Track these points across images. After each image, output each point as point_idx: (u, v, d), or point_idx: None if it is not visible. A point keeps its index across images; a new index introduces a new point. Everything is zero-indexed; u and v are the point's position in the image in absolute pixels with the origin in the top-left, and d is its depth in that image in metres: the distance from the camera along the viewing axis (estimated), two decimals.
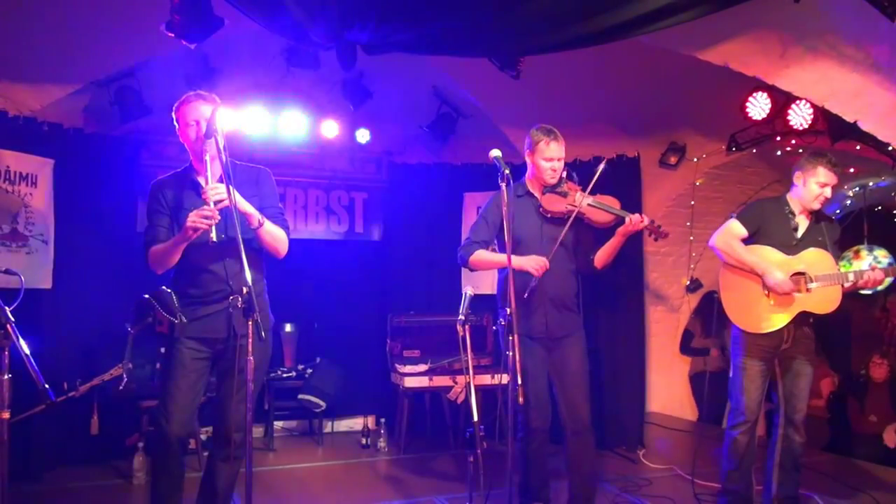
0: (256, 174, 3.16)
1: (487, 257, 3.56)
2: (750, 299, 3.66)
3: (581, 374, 3.58)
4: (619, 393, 5.60)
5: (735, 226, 3.72)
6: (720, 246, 3.73)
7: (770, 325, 3.61)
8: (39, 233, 4.78)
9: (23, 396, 2.47)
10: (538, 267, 3.37)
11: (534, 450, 3.54)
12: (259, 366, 2.85)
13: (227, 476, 3.08)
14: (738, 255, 3.66)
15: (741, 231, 3.70)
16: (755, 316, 3.64)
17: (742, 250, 3.67)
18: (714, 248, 3.76)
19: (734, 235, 3.70)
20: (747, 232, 3.70)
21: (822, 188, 3.59)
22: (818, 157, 3.62)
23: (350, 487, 4.71)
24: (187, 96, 3.03)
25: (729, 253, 3.69)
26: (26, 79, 4.59)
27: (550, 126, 3.55)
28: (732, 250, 3.68)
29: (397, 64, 5.00)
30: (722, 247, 3.72)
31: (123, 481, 4.68)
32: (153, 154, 5.51)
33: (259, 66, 5.14)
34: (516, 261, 3.38)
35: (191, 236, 2.81)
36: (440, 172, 6.38)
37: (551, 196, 3.55)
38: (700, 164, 6.10)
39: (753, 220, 3.72)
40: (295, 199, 6.27)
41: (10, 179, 4.61)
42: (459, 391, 5.32)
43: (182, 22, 3.61)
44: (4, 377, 2.28)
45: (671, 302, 6.78)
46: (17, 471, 4.34)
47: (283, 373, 5.76)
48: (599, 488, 4.16)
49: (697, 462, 4.41)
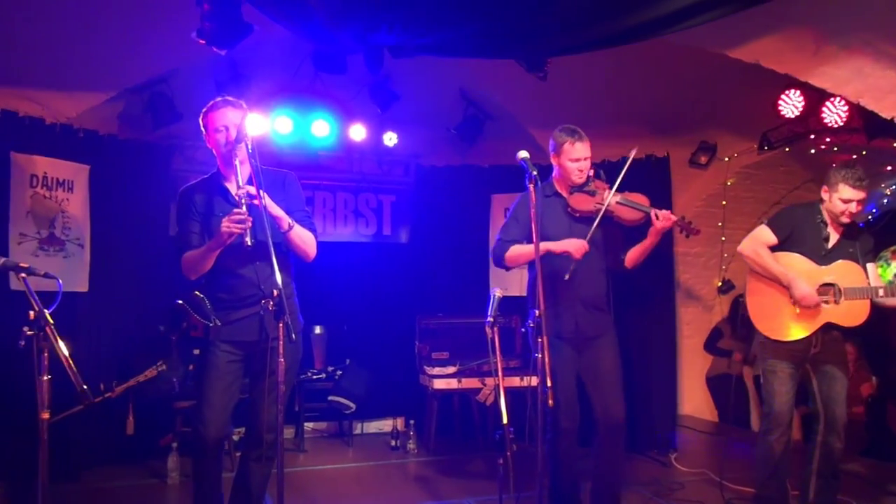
0: (283, 178, 3.19)
1: (521, 250, 3.52)
2: (775, 306, 3.61)
3: (614, 372, 3.56)
4: (650, 395, 5.54)
5: (764, 232, 3.66)
6: (747, 252, 3.67)
7: (794, 333, 3.55)
8: (76, 237, 4.89)
9: (61, 397, 2.52)
10: (578, 248, 3.36)
11: (563, 451, 3.52)
12: (290, 367, 2.88)
13: (259, 476, 3.12)
14: (764, 264, 3.60)
15: (770, 238, 3.64)
16: (779, 323, 3.59)
17: (769, 259, 3.61)
18: (741, 253, 3.71)
19: (762, 242, 3.64)
20: (777, 239, 3.63)
21: (846, 204, 3.51)
22: (841, 172, 3.51)
23: (380, 489, 4.73)
24: (215, 102, 3.07)
25: (755, 260, 3.63)
26: (62, 87, 4.70)
27: (574, 126, 3.53)
28: (759, 257, 3.62)
29: (424, 66, 5.02)
30: (749, 254, 3.66)
31: (158, 481, 4.76)
32: (185, 159, 5.60)
33: (287, 70, 5.20)
34: (554, 244, 3.38)
35: (226, 241, 2.85)
36: (467, 174, 6.38)
37: (579, 195, 3.53)
38: (731, 164, 6.02)
39: (784, 227, 3.65)
40: (324, 203, 6.32)
41: (47, 185, 4.73)
42: (488, 393, 5.32)
43: (212, 29, 3.67)
44: (44, 378, 2.33)
45: (704, 303, 6.71)
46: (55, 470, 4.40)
47: (313, 374, 5.81)
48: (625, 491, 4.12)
49: (729, 466, 4.34)
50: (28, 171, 4.61)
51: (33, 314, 2.32)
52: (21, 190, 4.58)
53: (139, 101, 5.02)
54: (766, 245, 3.63)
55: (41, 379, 2.33)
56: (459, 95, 5.76)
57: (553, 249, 3.40)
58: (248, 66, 4.97)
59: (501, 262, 3.58)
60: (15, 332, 2.33)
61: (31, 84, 4.58)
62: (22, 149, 4.58)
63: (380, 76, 5.12)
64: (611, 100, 5.32)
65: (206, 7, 3.62)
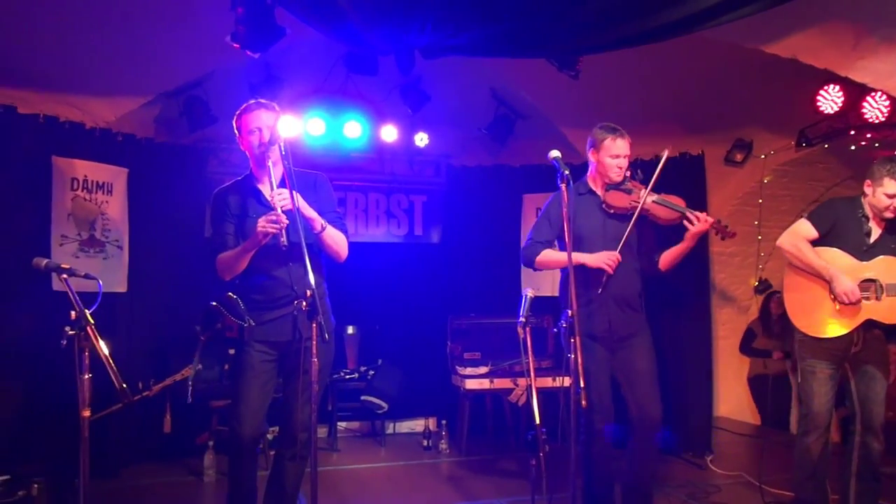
0: (314, 180, 3.21)
1: (553, 256, 3.52)
2: (814, 302, 3.53)
3: (649, 371, 3.52)
4: (685, 396, 5.47)
5: (804, 226, 3.58)
6: (787, 247, 3.60)
7: (833, 330, 3.47)
8: (115, 239, 4.99)
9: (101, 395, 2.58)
10: (610, 262, 3.34)
11: (597, 453, 3.49)
12: (323, 367, 2.91)
13: (293, 475, 3.15)
14: (805, 258, 3.53)
15: (811, 232, 3.56)
16: (818, 320, 3.51)
17: (809, 253, 3.53)
18: (780, 247, 3.64)
19: (802, 236, 3.57)
20: (818, 233, 3.55)
21: (891, 199, 3.42)
22: (886, 166, 3.42)
23: (412, 489, 4.75)
24: (248, 105, 3.10)
25: (795, 255, 3.56)
26: (102, 92, 4.81)
27: (614, 124, 3.50)
28: (799, 252, 3.55)
29: (455, 67, 5.03)
30: (789, 248, 3.59)
31: (194, 478, 4.84)
32: (220, 161, 5.68)
33: (320, 73, 5.25)
34: (588, 258, 3.37)
35: (261, 241, 2.89)
36: (499, 174, 6.36)
37: (615, 193, 3.50)
38: (768, 161, 5.92)
39: (825, 221, 3.57)
40: (356, 203, 6.36)
41: (87, 188, 4.84)
42: (520, 393, 5.30)
43: (246, 33, 3.71)
44: (85, 377, 2.39)
45: (739, 303, 6.60)
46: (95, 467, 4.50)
47: (345, 374, 5.85)
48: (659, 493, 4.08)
49: (767, 469, 4.27)
50: (69, 175, 4.73)
51: (74, 314, 2.37)
52: (62, 193, 4.69)
53: (175, 105, 5.12)
54: (806, 239, 3.56)
55: (82, 378, 2.38)
56: (490, 95, 5.76)
57: (587, 264, 3.38)
58: (281, 68, 5.03)
59: (531, 264, 3.57)
60: (57, 331, 2.39)
61: (72, 90, 4.69)
62: (63, 153, 4.70)
63: (411, 77, 5.14)
64: (644, 97, 5.26)
65: (239, 11, 3.67)
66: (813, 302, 3.53)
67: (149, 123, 5.34)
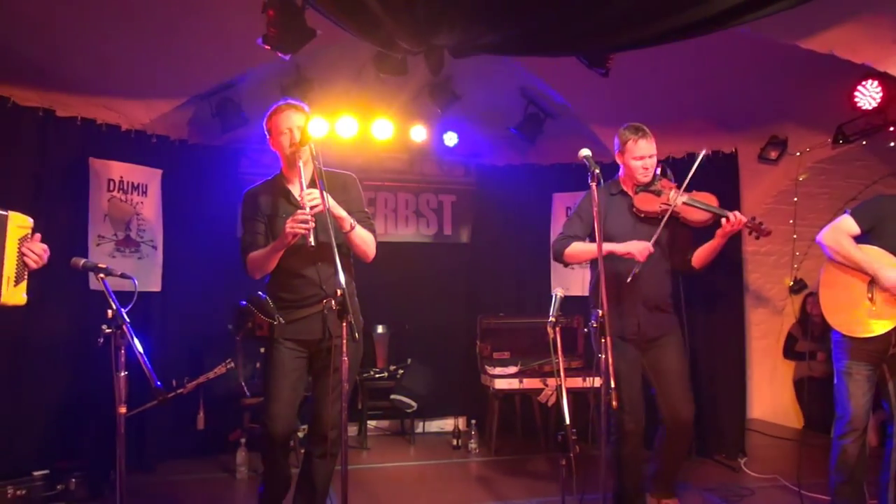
0: (343, 180, 3.23)
1: (583, 248, 3.49)
2: (850, 300, 3.44)
3: (680, 371, 3.49)
4: (718, 398, 5.39)
5: (848, 222, 3.49)
6: (828, 242, 3.52)
7: (868, 330, 3.38)
8: (150, 239, 5.08)
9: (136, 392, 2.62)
10: (642, 251, 3.31)
11: (628, 454, 3.47)
12: (351, 366, 2.92)
13: (324, 473, 3.17)
14: (848, 252, 3.44)
15: (853, 228, 3.47)
16: (854, 319, 3.42)
17: (852, 248, 3.45)
18: (821, 243, 3.56)
19: (845, 232, 3.48)
20: (860, 229, 3.47)
21: None
22: None
23: (442, 488, 4.75)
24: (278, 106, 3.13)
25: (837, 250, 3.48)
26: (137, 95, 4.90)
27: (638, 123, 3.46)
28: (841, 247, 3.46)
29: (484, 66, 5.02)
30: (830, 243, 3.51)
31: (227, 475, 4.91)
32: (252, 162, 5.76)
33: (349, 73, 5.27)
34: (618, 246, 3.35)
35: (290, 242, 2.91)
36: (528, 173, 6.34)
37: (645, 195, 3.46)
38: (803, 159, 5.80)
39: (869, 218, 3.48)
40: (385, 203, 6.39)
41: (123, 189, 4.93)
42: (550, 393, 5.27)
43: (277, 35, 3.75)
44: (122, 374, 2.43)
45: (774, 304, 6.48)
46: (131, 462, 4.62)
47: (375, 373, 5.88)
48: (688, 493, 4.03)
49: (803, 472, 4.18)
50: (105, 176, 4.82)
51: (111, 313, 2.43)
52: (99, 194, 4.79)
53: (208, 107, 5.19)
54: (849, 235, 3.48)
55: (118, 375, 2.43)
56: (520, 94, 5.73)
57: (616, 251, 3.35)
58: (311, 69, 5.08)
59: (560, 258, 3.55)
60: (94, 329, 2.44)
61: (108, 93, 4.79)
62: (100, 154, 4.80)
63: (440, 76, 5.14)
64: (675, 94, 5.20)
65: (270, 13, 3.70)
66: (849, 300, 3.45)
67: (182, 125, 5.43)
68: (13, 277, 2.52)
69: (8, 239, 2.51)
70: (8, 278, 2.50)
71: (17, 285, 2.53)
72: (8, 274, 2.50)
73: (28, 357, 4.39)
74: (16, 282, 2.52)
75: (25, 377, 4.37)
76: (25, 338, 4.37)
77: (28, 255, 2.56)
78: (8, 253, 2.51)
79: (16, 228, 2.54)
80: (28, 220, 2.59)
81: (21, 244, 2.56)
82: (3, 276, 2.49)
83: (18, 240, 2.55)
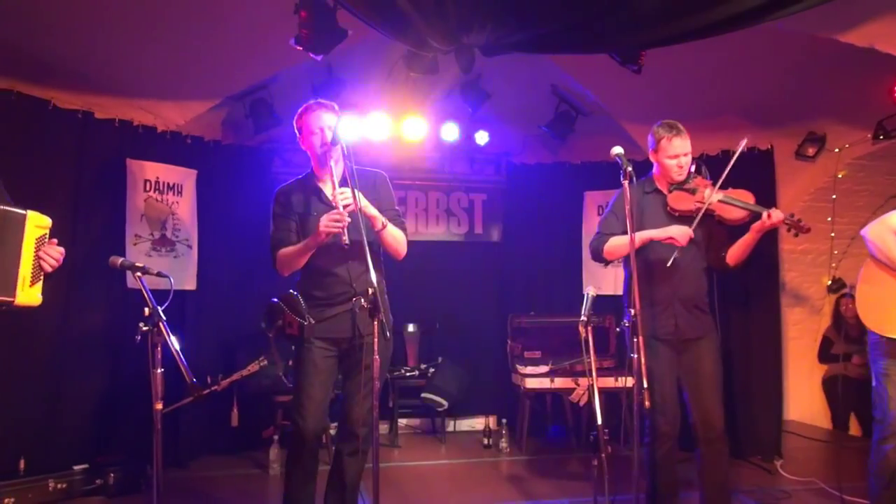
0: (374, 178, 3.24)
1: (621, 241, 3.40)
2: (889, 299, 3.34)
3: (715, 377, 3.42)
4: (754, 399, 5.30)
5: (894, 218, 3.41)
6: (872, 237, 3.41)
7: None
8: (185, 238, 5.17)
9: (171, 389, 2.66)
10: (683, 234, 3.26)
11: (661, 456, 3.42)
12: (382, 364, 2.93)
13: (354, 470, 3.19)
14: (890, 251, 3.34)
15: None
16: (891, 318, 3.33)
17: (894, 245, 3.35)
18: (866, 237, 3.46)
19: (891, 228, 3.37)
20: None
21: None
22: None
23: (473, 486, 4.75)
24: (308, 105, 3.15)
25: (880, 246, 3.37)
26: (172, 96, 4.98)
27: (673, 121, 3.41)
28: (884, 244, 3.36)
29: (515, 64, 5.00)
30: (874, 238, 3.40)
31: (260, 471, 4.97)
32: (284, 161, 5.81)
33: (380, 73, 5.30)
34: (658, 231, 3.30)
35: (323, 240, 2.93)
36: (560, 172, 6.30)
37: (679, 193, 3.41)
38: (842, 155, 5.68)
39: None
40: (416, 202, 6.41)
41: (159, 189, 5.02)
42: (582, 393, 5.23)
43: (309, 35, 3.78)
44: (158, 371, 2.47)
45: (811, 303, 6.35)
46: (167, 458, 4.70)
47: (406, 372, 5.90)
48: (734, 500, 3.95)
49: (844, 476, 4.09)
50: (141, 177, 4.91)
51: (148, 311, 2.46)
52: (136, 194, 4.88)
53: (241, 108, 5.26)
54: (894, 232, 3.38)
55: (155, 372, 2.46)
56: (551, 92, 5.70)
57: (656, 237, 3.30)
58: (342, 69, 5.11)
59: (599, 256, 3.50)
60: (131, 327, 2.48)
61: (144, 95, 4.88)
62: (136, 155, 4.89)
63: (471, 75, 5.13)
64: (709, 90, 5.12)
65: (302, 14, 3.73)
66: (888, 298, 3.35)
67: (216, 126, 5.50)
68: (29, 277, 2.50)
69: (25, 239, 2.50)
70: (24, 278, 2.49)
71: (32, 286, 2.52)
72: (24, 274, 2.49)
73: (68, 354, 4.49)
74: (31, 282, 2.51)
75: (66, 374, 4.48)
76: (65, 335, 4.48)
77: (45, 258, 2.55)
78: (24, 253, 2.49)
79: (34, 228, 2.53)
80: (46, 220, 2.57)
81: (38, 245, 2.54)
82: (19, 275, 2.48)
83: (36, 240, 2.53)
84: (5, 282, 2.46)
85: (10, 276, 2.47)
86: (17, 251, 2.48)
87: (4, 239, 2.46)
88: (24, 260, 2.49)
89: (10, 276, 2.47)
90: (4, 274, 2.46)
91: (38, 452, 4.19)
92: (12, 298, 2.48)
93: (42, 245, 2.55)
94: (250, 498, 4.49)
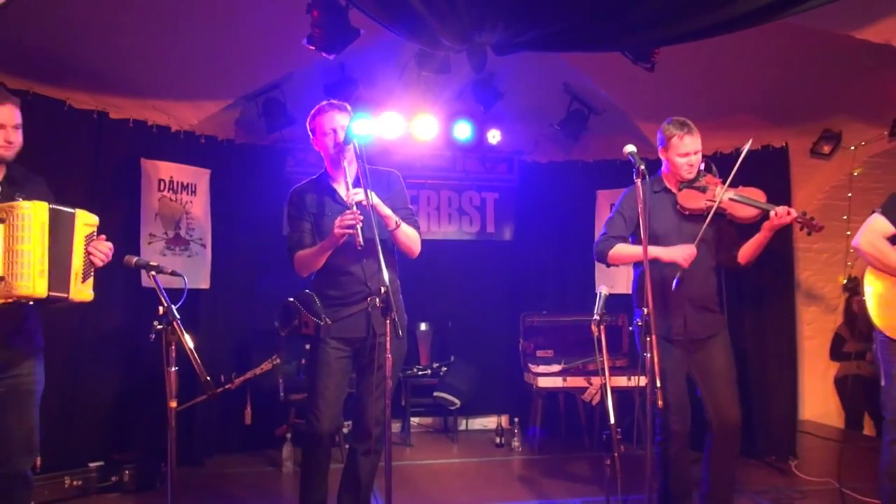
0: (387, 177, 3.25)
1: (627, 250, 3.43)
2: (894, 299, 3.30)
3: (728, 372, 3.41)
4: (768, 398, 5.26)
5: (879, 222, 3.27)
6: (865, 247, 3.30)
7: None
8: (199, 237, 5.20)
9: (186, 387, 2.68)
10: (686, 257, 3.24)
11: (673, 455, 3.40)
12: (395, 363, 2.95)
13: (368, 469, 3.20)
14: (886, 258, 3.23)
15: (886, 227, 3.25)
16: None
17: (891, 252, 3.24)
18: (859, 248, 3.35)
19: (879, 233, 3.27)
20: (895, 228, 3.30)
21: None
22: None
23: (485, 485, 4.75)
24: (321, 106, 3.16)
25: (875, 255, 3.27)
26: (186, 96, 5.01)
27: (683, 118, 3.38)
28: (878, 251, 3.25)
29: (527, 63, 4.99)
30: (866, 248, 3.29)
31: (274, 469, 5.00)
32: (297, 161, 5.84)
33: (393, 72, 5.30)
34: (663, 251, 3.28)
35: (339, 241, 2.95)
36: (572, 170, 6.28)
37: (689, 192, 3.39)
38: (858, 153, 5.62)
39: None
40: (428, 201, 6.42)
41: (173, 189, 5.05)
42: (594, 392, 5.22)
43: (322, 35, 3.79)
44: (172, 370, 2.49)
45: (826, 302, 6.30)
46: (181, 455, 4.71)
47: (418, 370, 5.91)
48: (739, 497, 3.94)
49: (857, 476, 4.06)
50: (156, 176, 4.95)
51: (162, 309, 2.49)
52: (150, 193, 4.92)
53: (254, 108, 5.28)
54: (884, 236, 3.28)
55: (169, 370, 2.49)
56: (563, 90, 5.68)
57: (661, 258, 3.29)
58: (355, 69, 5.12)
59: (604, 259, 3.49)
60: (146, 326, 2.51)
61: (158, 95, 4.91)
62: (150, 155, 4.93)
63: (483, 74, 5.13)
64: (723, 88, 5.08)
65: (315, 14, 3.74)
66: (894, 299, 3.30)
67: (230, 125, 5.53)
68: (80, 273, 2.61)
69: (75, 236, 2.60)
70: (76, 274, 2.59)
71: (84, 282, 2.63)
72: (76, 270, 2.59)
73: (84, 352, 4.54)
74: (83, 278, 2.61)
75: (82, 372, 4.52)
76: (82, 333, 4.52)
77: (94, 253, 2.65)
78: (76, 250, 2.60)
79: (82, 226, 2.63)
80: (94, 218, 2.67)
81: (88, 241, 2.64)
82: (72, 272, 2.58)
83: (85, 237, 2.64)
84: (60, 278, 2.55)
85: (64, 273, 2.57)
86: (68, 248, 2.59)
87: (56, 237, 2.56)
88: (75, 256, 2.60)
89: (64, 273, 2.56)
90: (58, 270, 2.55)
91: (55, 449, 4.22)
92: (67, 294, 2.58)
93: (91, 241, 2.66)
94: (264, 495, 4.51)
